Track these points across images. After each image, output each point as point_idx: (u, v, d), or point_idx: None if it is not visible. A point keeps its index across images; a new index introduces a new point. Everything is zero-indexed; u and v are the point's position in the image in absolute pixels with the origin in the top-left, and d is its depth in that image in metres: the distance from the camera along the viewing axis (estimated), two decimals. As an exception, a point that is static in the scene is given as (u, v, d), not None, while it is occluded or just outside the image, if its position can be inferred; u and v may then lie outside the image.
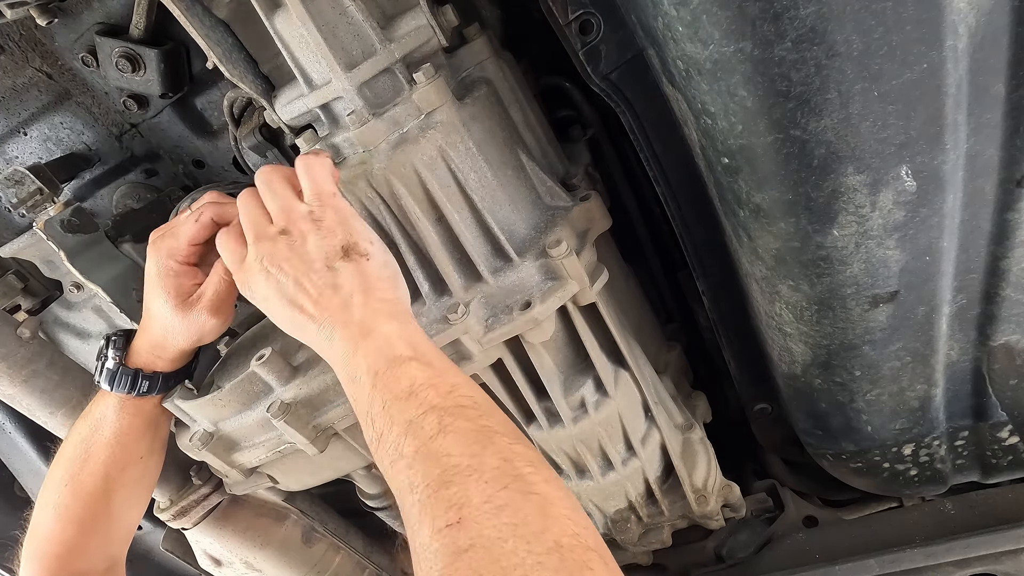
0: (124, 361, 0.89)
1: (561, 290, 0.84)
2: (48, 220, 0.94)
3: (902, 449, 1.07)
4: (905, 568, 1.10)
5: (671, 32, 0.66)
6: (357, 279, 0.73)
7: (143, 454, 0.94)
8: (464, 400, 0.63)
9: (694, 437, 1.16)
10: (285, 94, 0.85)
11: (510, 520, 0.51)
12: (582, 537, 0.52)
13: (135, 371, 0.89)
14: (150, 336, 0.88)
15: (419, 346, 0.69)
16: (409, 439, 0.60)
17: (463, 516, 0.52)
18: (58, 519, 0.91)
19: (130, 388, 0.89)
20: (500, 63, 0.88)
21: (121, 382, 0.88)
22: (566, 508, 0.54)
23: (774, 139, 0.67)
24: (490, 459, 0.57)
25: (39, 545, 0.92)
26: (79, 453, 0.91)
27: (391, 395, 0.64)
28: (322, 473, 1.03)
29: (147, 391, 0.89)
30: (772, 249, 0.81)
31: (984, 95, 0.66)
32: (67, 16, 0.95)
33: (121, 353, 0.89)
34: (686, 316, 1.36)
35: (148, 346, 0.89)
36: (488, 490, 0.54)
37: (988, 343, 0.91)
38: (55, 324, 1.24)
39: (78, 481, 0.91)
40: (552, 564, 0.49)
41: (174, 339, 0.86)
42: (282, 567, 1.26)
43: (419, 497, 0.56)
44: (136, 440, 0.92)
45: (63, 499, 0.91)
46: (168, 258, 0.83)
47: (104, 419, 0.90)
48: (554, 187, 0.91)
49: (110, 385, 0.89)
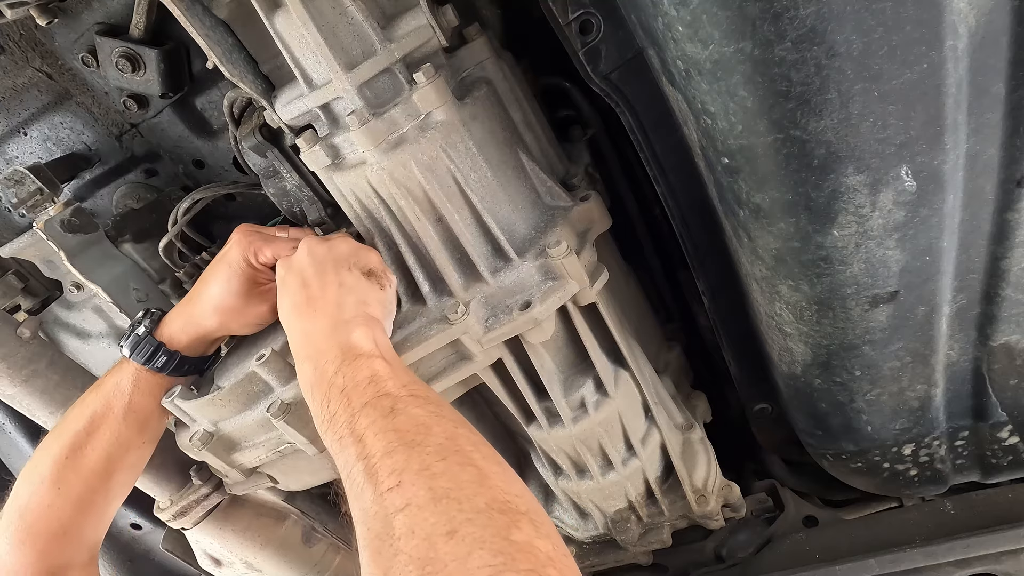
0: (152, 332, 0.92)
1: (561, 290, 0.84)
2: (48, 220, 0.94)
3: (902, 449, 1.07)
4: (905, 568, 1.10)
5: (671, 32, 0.66)
6: (361, 291, 0.81)
7: (145, 439, 0.95)
8: (419, 392, 0.68)
9: (694, 437, 1.16)
10: (285, 94, 0.85)
11: (445, 484, 0.56)
12: (514, 504, 0.55)
13: (158, 344, 0.91)
14: (186, 313, 0.92)
15: (387, 351, 0.77)
16: (362, 418, 0.65)
17: (402, 480, 0.57)
18: (58, 494, 0.87)
19: (148, 359, 0.91)
20: (500, 63, 0.88)
21: (143, 351, 0.91)
22: (501, 480, 0.58)
23: (774, 139, 0.67)
24: (435, 437, 0.62)
25: (34, 523, 0.86)
26: (84, 425, 0.90)
27: (352, 381, 0.70)
28: (322, 473, 1.02)
29: (162, 367, 0.92)
30: (772, 249, 0.81)
31: (984, 95, 0.66)
32: (67, 16, 0.95)
33: (153, 327, 0.93)
34: (686, 316, 1.36)
35: (180, 323, 0.92)
36: (428, 460, 0.59)
37: (988, 343, 0.91)
38: (55, 324, 1.24)
39: (80, 455, 0.89)
40: (481, 521, 0.52)
41: (213, 320, 0.91)
42: (282, 567, 1.26)
43: (364, 466, 0.61)
44: (142, 421, 0.93)
45: (63, 473, 0.88)
46: (252, 255, 0.90)
47: (118, 389, 0.91)
48: (554, 187, 0.91)
49: (131, 350, 0.91)
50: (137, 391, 0.92)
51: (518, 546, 0.51)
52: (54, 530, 0.87)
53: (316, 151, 0.84)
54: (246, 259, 0.90)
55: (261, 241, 0.91)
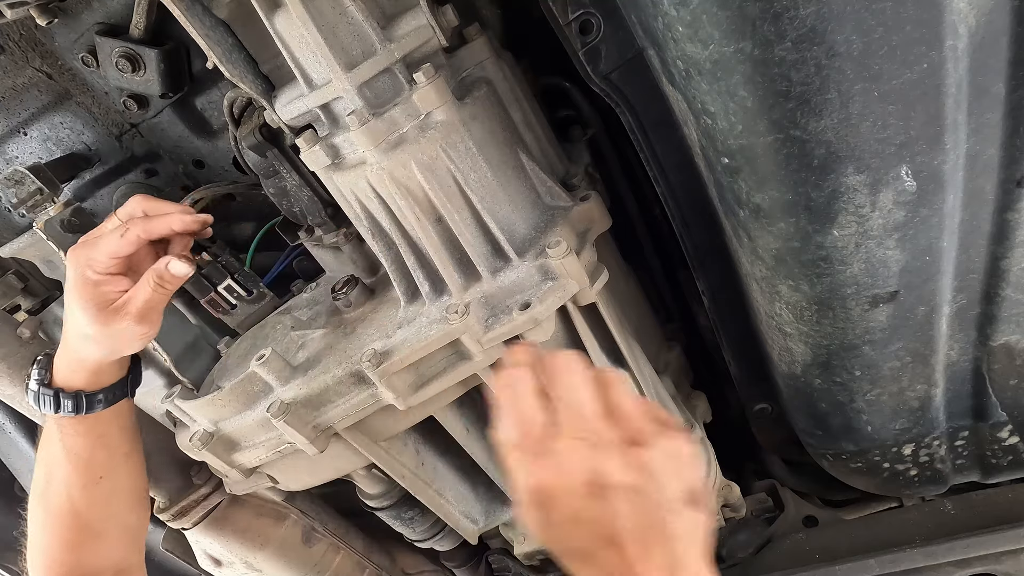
0: (48, 381, 0.85)
1: (561, 290, 0.84)
2: (48, 220, 0.94)
3: (902, 449, 1.07)
4: (905, 568, 1.10)
5: (671, 32, 0.66)
6: (693, 538, 0.57)
7: (101, 474, 0.90)
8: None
9: (694, 437, 1.16)
10: (285, 94, 0.85)
11: None
12: None
13: (56, 391, 0.85)
14: (67, 351, 0.85)
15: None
16: None
17: None
18: (44, 533, 0.90)
19: (55, 408, 0.85)
20: (500, 63, 0.88)
21: (45, 403, 0.85)
22: None
23: (774, 139, 0.67)
24: None
25: (35, 557, 0.91)
26: (42, 474, 0.90)
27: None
28: (322, 473, 1.03)
29: (73, 410, 0.85)
30: (772, 249, 0.81)
31: (984, 95, 0.66)
32: (67, 16, 0.95)
33: (44, 372, 0.86)
34: (686, 316, 1.36)
35: (66, 362, 0.85)
36: None
37: (988, 343, 0.91)
38: (55, 324, 1.24)
39: (47, 500, 0.90)
40: None
41: (92, 350, 0.83)
42: (282, 567, 1.26)
43: None
44: (87, 460, 0.89)
45: (40, 516, 0.90)
46: (87, 268, 0.80)
47: (50, 439, 0.88)
48: (554, 187, 0.91)
49: (37, 406, 0.86)
50: (66, 436, 0.87)
51: None
52: (46, 564, 0.91)
53: (316, 151, 0.84)
54: (84, 277, 0.80)
55: (87, 249, 0.80)
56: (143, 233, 0.81)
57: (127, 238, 0.80)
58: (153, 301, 0.82)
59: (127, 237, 0.80)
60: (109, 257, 0.80)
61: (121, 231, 0.80)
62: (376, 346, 0.86)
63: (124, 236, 0.80)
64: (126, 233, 0.80)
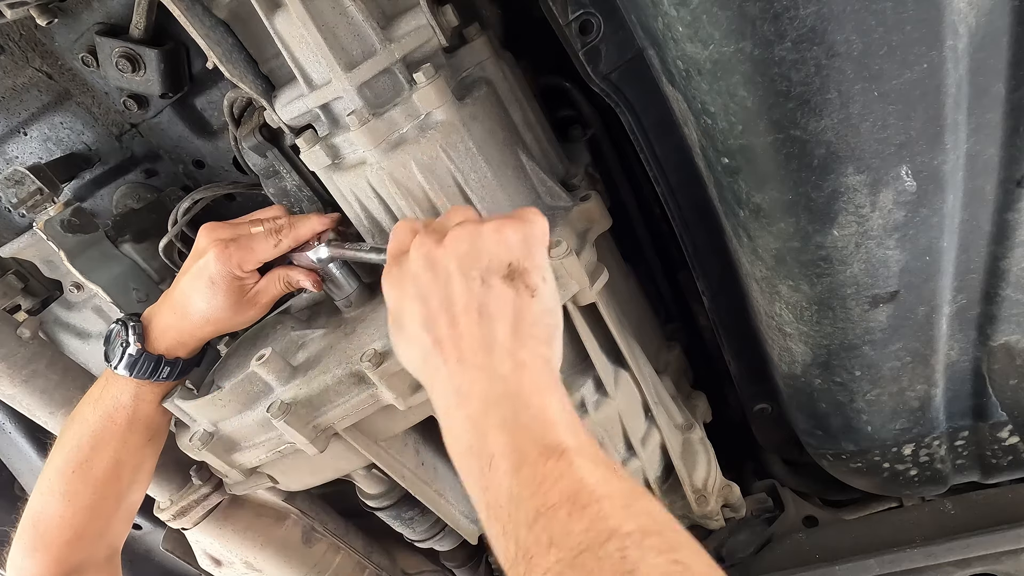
0: (145, 347, 0.89)
1: (561, 290, 0.84)
2: (48, 220, 0.94)
3: (902, 449, 1.07)
4: (905, 568, 1.10)
5: (671, 32, 0.66)
6: (509, 312, 0.60)
7: (152, 436, 0.94)
8: (647, 521, 0.48)
9: (694, 437, 1.16)
10: (285, 94, 0.85)
11: None
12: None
13: (158, 357, 0.89)
14: (183, 323, 0.89)
15: (580, 432, 0.55)
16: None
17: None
18: (68, 504, 0.90)
19: (151, 374, 0.89)
20: (500, 63, 0.88)
21: (143, 368, 0.88)
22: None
23: (774, 139, 0.67)
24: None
25: (46, 532, 0.90)
26: (86, 441, 0.90)
27: (545, 501, 0.49)
28: (322, 473, 1.02)
29: (167, 377, 0.90)
30: (772, 249, 0.81)
31: (984, 95, 0.66)
32: (67, 16, 0.95)
33: (141, 340, 0.89)
34: (686, 316, 1.36)
35: (176, 333, 0.89)
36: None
37: (988, 343, 0.91)
38: (55, 324, 1.24)
39: (87, 467, 0.90)
40: None
41: (210, 330, 0.90)
42: (282, 567, 1.26)
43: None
44: (152, 428, 0.93)
45: (71, 486, 0.90)
46: (237, 267, 0.86)
47: (119, 406, 0.90)
48: (554, 187, 0.91)
49: (130, 371, 0.88)
50: (141, 402, 0.90)
51: None
52: (67, 537, 0.90)
53: (316, 151, 0.84)
54: (231, 275, 0.86)
55: (242, 251, 0.86)
56: (293, 242, 0.88)
57: (280, 248, 0.88)
58: (277, 295, 0.91)
59: (280, 248, 0.87)
60: (260, 262, 0.88)
61: (274, 241, 0.87)
62: (376, 346, 0.86)
63: (278, 246, 0.87)
64: (279, 244, 0.87)
